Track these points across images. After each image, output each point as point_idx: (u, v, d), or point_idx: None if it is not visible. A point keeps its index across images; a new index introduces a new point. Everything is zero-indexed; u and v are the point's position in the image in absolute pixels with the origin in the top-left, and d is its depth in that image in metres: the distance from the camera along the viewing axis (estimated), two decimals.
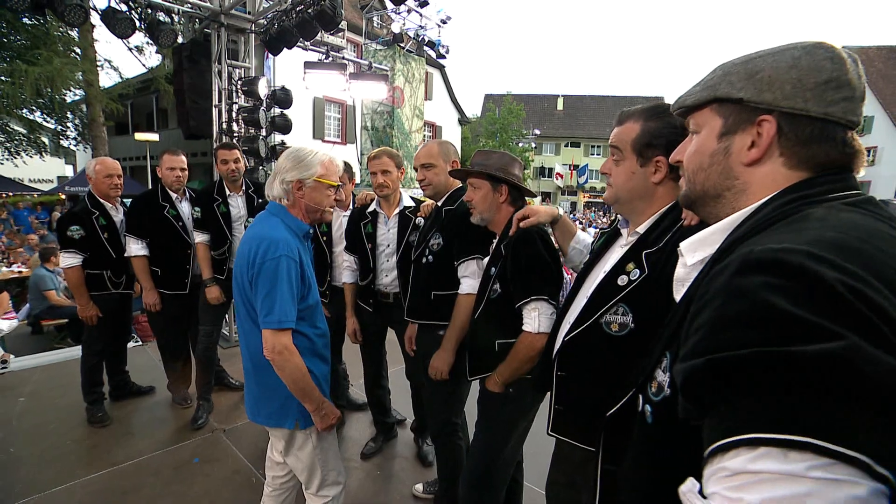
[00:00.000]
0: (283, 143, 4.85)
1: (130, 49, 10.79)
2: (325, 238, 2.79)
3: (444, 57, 12.60)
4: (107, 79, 13.80)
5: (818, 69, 0.67)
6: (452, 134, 23.67)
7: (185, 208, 3.17)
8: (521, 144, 27.58)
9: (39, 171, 19.33)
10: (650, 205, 1.23)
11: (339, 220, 2.81)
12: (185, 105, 4.54)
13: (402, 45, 12.18)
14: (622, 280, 1.18)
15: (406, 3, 10.09)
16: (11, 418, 3.13)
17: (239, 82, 4.32)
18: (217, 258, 3.13)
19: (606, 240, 1.41)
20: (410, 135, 15.33)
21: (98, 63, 10.33)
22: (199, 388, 3.21)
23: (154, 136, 10.89)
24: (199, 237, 3.07)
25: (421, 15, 11.96)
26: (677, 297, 0.86)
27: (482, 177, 1.78)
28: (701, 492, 0.51)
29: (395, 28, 10.92)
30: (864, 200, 0.65)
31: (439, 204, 2.14)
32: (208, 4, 4.15)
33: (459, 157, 2.19)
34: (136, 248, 3.03)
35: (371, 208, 2.57)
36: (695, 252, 0.80)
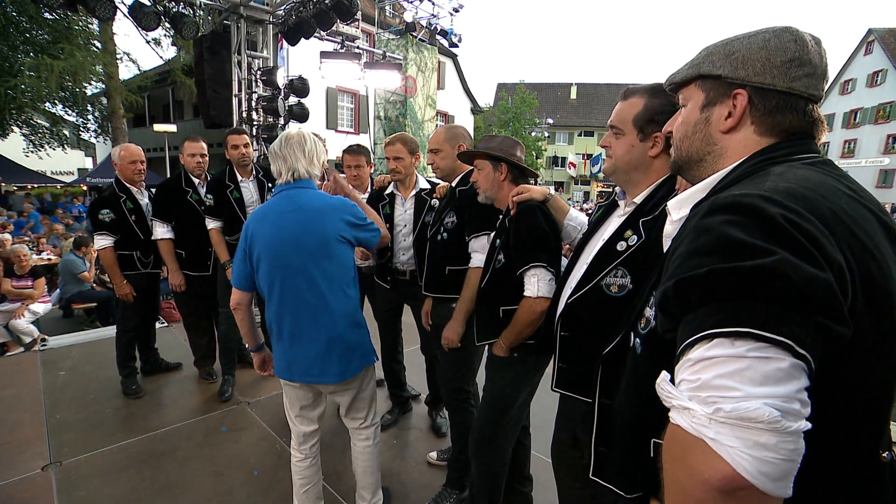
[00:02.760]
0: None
1: (148, 42, 11.02)
2: None
3: (456, 46, 12.57)
4: (126, 71, 14.10)
5: (784, 49, 0.79)
6: (465, 123, 23.63)
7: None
8: (533, 133, 27.44)
9: (61, 163, 19.89)
10: (647, 176, 1.33)
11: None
12: (206, 95, 4.70)
13: (414, 34, 12.23)
14: (621, 246, 1.29)
15: None
16: (55, 389, 3.36)
17: (258, 72, 4.46)
18: (233, 242, 3.26)
19: (604, 211, 1.52)
20: (423, 124, 15.41)
21: (118, 56, 10.58)
22: (223, 365, 3.40)
23: (172, 127, 11.15)
24: (212, 223, 3.20)
25: (433, 4, 11.95)
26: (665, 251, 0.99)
27: (484, 157, 1.91)
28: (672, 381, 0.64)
29: (408, 17, 10.95)
30: (821, 161, 0.77)
31: (453, 185, 2.26)
32: None
33: (471, 141, 2.30)
34: (161, 231, 3.20)
35: (389, 190, 2.69)
36: (679, 210, 0.93)
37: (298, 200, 1.75)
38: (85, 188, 15.28)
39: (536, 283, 1.65)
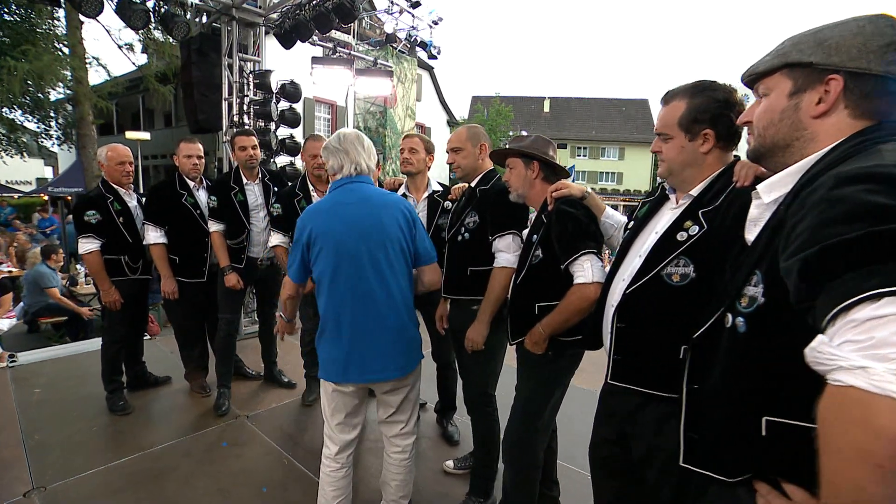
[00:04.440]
0: (291, 137, 4.89)
1: (120, 47, 10.65)
2: None
3: (435, 58, 12.72)
4: (95, 77, 13.56)
5: (880, 34, 0.81)
6: (441, 135, 23.77)
7: (202, 196, 3.19)
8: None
9: (18, 172, 18.85)
10: (701, 171, 1.35)
11: None
12: (193, 99, 4.54)
13: (394, 45, 12.29)
14: (681, 236, 1.29)
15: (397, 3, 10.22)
16: (30, 407, 3.11)
17: (250, 75, 4.35)
18: (234, 247, 3.14)
19: (651, 207, 1.52)
20: (403, 134, 15.38)
21: (87, 60, 10.16)
22: (219, 377, 3.22)
23: (145, 135, 10.74)
24: (214, 226, 3.08)
25: (413, 16, 12.07)
26: (749, 235, 1.00)
27: (516, 156, 1.92)
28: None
29: (388, 28, 11.01)
30: None
31: (472, 184, 2.23)
32: None
33: (491, 141, 2.29)
34: (154, 235, 3.04)
35: (400, 192, 2.64)
36: (771, 192, 0.93)
37: (362, 192, 1.77)
38: (46, 198, 14.49)
39: (590, 268, 1.63)
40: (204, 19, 4.50)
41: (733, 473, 0.91)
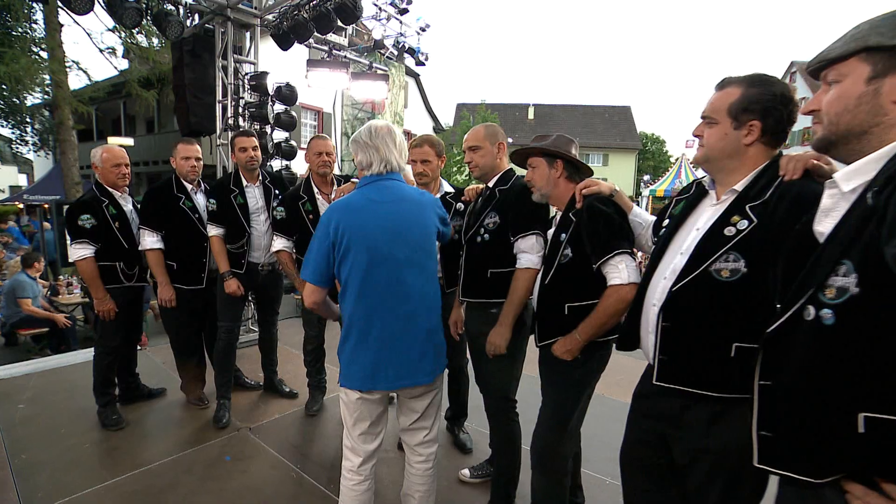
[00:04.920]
0: (287, 140, 4.79)
1: (102, 51, 10.36)
2: None
3: (423, 64, 12.73)
4: (76, 81, 13.19)
5: None
6: None
7: (200, 200, 3.07)
8: None
9: None
10: (741, 164, 1.32)
11: None
12: (185, 101, 4.41)
13: (382, 51, 12.26)
14: (729, 231, 1.26)
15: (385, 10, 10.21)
16: (14, 425, 2.92)
17: (246, 77, 4.24)
18: (234, 251, 3.02)
19: (688, 203, 1.49)
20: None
21: (66, 64, 9.87)
22: (218, 387, 3.09)
23: (129, 141, 10.42)
24: (214, 230, 2.96)
25: (401, 22, 12.09)
26: (821, 226, 0.96)
27: (539, 155, 1.87)
28: None
29: (377, 34, 10.99)
30: None
31: (490, 185, 2.18)
32: None
33: (507, 141, 2.24)
34: (151, 241, 2.91)
35: None
36: (850, 181, 0.90)
37: (396, 191, 1.69)
38: (21, 206, 13.99)
39: (625, 268, 1.60)
40: (196, 20, 4.39)
41: (820, 474, 0.86)
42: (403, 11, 12.67)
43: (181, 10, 3.94)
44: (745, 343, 1.24)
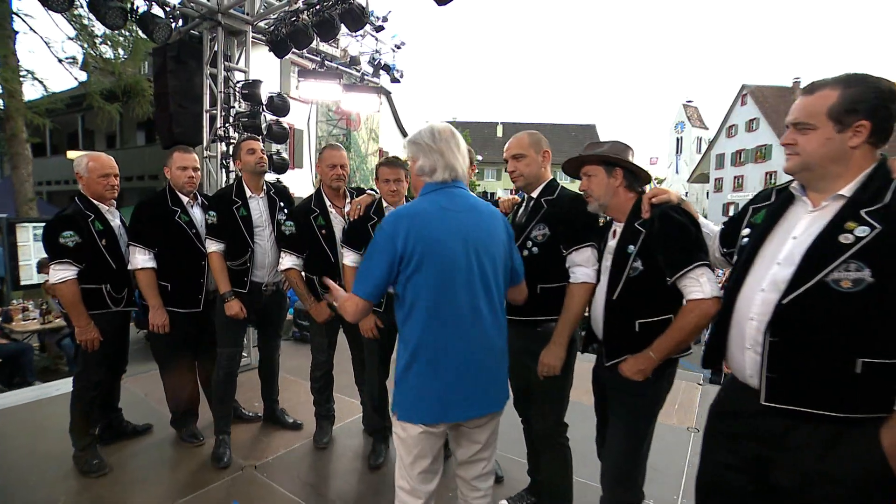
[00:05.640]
0: (278, 153, 4.55)
1: (61, 61, 9.74)
2: None
3: (398, 81, 12.76)
4: (32, 91, 12.37)
5: None
6: None
7: (197, 213, 2.81)
8: None
9: None
10: (846, 169, 1.25)
11: None
12: (168, 110, 4.11)
13: (357, 68, 12.19)
14: (846, 238, 1.17)
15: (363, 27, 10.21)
16: None
17: (238, 85, 4.00)
18: (236, 269, 2.75)
19: (773, 211, 1.41)
20: (366, 157, 15.17)
21: (21, 73, 9.21)
22: (216, 421, 2.78)
23: None
24: (213, 246, 2.70)
25: (376, 39, 12.09)
26: None
27: (596, 162, 1.78)
28: None
29: (353, 51, 10.92)
30: None
31: (534, 195, 2.06)
32: (206, 2, 3.85)
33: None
34: (142, 259, 2.61)
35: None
36: None
37: (469, 200, 1.55)
38: None
39: (707, 282, 1.51)
40: (181, 24, 4.13)
41: None
42: (379, 28, 12.70)
43: (169, 14, 3.67)
44: (872, 358, 1.15)
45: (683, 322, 1.54)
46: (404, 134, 24.92)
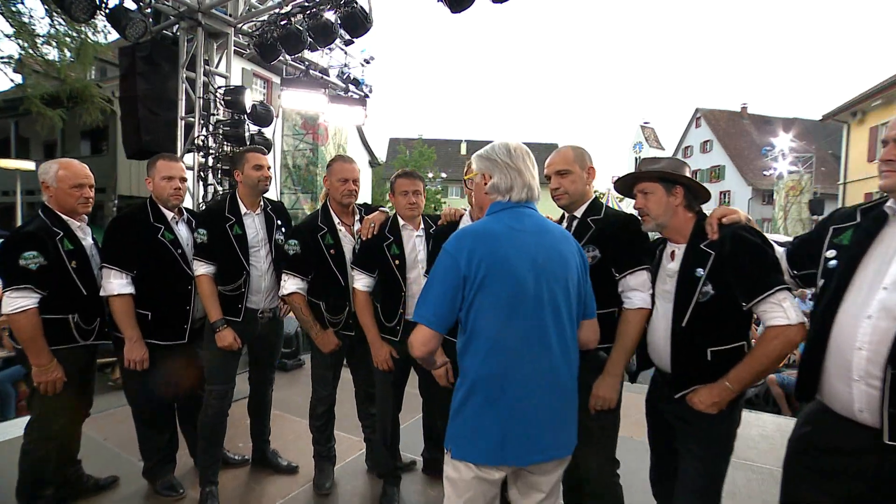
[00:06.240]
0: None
1: None
2: (396, 262, 2.33)
3: (367, 96, 12.61)
4: None
5: None
6: (363, 176, 23.34)
7: (183, 231, 2.47)
8: (430, 188, 28.26)
9: None
10: None
11: (412, 241, 2.39)
12: (136, 115, 3.72)
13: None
14: None
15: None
16: None
17: (220, 91, 3.68)
18: (229, 294, 2.43)
19: (865, 232, 1.34)
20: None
21: None
22: (202, 470, 2.41)
23: (28, 164, 8.78)
24: (202, 268, 2.37)
25: (346, 53, 11.93)
26: None
27: (654, 179, 1.68)
28: None
29: (323, 63, 10.73)
30: None
31: (578, 214, 1.92)
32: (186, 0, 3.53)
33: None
34: (118, 284, 2.24)
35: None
36: None
37: (540, 222, 1.43)
38: None
39: (790, 307, 1.42)
40: (153, 25, 3.77)
41: None
42: (349, 42, 12.61)
43: (141, 9, 3.33)
44: None
45: (766, 349, 1.44)
46: (369, 151, 24.58)
